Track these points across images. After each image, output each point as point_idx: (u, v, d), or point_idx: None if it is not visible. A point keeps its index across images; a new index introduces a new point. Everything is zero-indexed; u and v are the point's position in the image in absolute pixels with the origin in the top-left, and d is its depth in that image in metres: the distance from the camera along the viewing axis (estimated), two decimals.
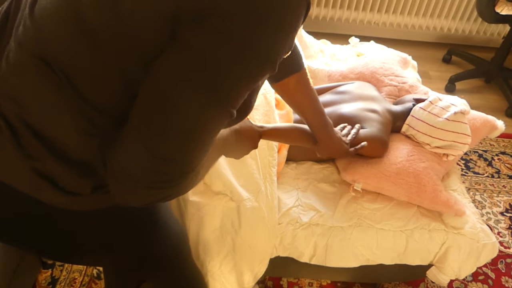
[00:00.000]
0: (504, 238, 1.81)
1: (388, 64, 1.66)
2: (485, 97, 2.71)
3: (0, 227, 0.77)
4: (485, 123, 1.44)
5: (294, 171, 1.35)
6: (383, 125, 1.31)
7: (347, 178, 1.29)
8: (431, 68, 2.89)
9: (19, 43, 0.64)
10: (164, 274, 0.95)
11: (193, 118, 0.58)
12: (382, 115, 1.34)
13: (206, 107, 0.58)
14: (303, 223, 1.20)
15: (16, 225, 0.78)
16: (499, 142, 2.34)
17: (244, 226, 1.15)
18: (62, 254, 0.88)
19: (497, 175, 2.12)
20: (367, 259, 1.24)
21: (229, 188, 1.16)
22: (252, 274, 1.19)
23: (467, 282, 1.62)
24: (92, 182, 0.71)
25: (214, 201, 1.16)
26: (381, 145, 1.28)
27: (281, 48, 0.61)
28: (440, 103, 1.33)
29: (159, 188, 0.61)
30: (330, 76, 1.68)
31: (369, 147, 1.22)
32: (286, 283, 1.53)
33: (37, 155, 0.66)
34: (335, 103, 1.42)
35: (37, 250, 0.92)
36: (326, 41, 2.03)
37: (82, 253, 0.86)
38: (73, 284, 1.46)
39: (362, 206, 1.26)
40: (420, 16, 2.96)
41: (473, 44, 3.14)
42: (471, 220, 1.28)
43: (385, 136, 1.30)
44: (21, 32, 0.65)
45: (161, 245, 0.92)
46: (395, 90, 1.57)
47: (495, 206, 1.95)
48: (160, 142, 0.58)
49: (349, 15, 2.94)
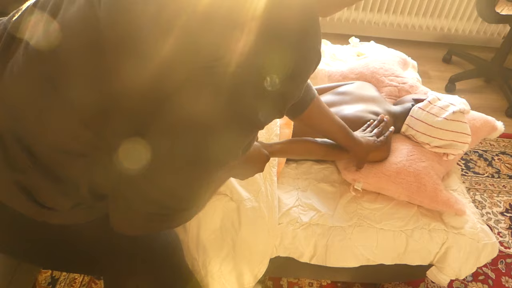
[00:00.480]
0: (504, 238, 1.81)
1: (388, 64, 1.66)
2: (485, 97, 2.71)
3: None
4: (485, 124, 1.44)
5: (294, 171, 1.35)
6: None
7: (348, 177, 1.29)
8: (431, 68, 2.89)
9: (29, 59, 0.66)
10: (152, 276, 0.94)
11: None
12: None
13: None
14: (303, 223, 1.20)
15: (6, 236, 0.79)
16: (499, 142, 2.34)
17: (244, 226, 1.15)
18: (53, 264, 0.89)
19: (497, 175, 2.13)
20: (367, 259, 1.24)
21: (229, 188, 1.16)
22: (252, 274, 1.19)
23: (467, 282, 1.62)
24: (72, 201, 0.73)
25: (214, 201, 1.16)
26: (386, 149, 1.29)
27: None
28: (439, 102, 1.33)
29: (159, 221, 0.67)
30: (330, 76, 1.68)
31: (375, 153, 1.24)
32: (286, 283, 1.53)
33: (22, 168, 0.68)
34: (336, 104, 1.42)
35: (29, 261, 0.94)
36: (326, 41, 2.03)
37: (73, 263, 0.88)
38: (73, 284, 1.46)
39: (362, 206, 1.26)
40: (420, 16, 2.96)
41: (473, 44, 3.14)
42: (471, 220, 1.27)
43: (388, 141, 1.30)
44: (31, 49, 0.67)
45: (151, 247, 0.92)
46: (395, 90, 1.57)
47: (495, 206, 1.95)
48: (168, 181, 0.64)
49: (349, 15, 2.95)
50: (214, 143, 0.63)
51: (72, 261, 0.87)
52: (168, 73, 0.65)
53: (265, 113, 0.69)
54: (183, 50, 0.62)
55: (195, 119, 0.61)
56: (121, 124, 0.72)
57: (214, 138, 0.62)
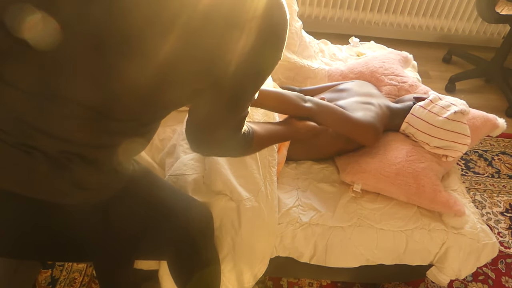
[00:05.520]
0: (504, 238, 1.81)
1: (388, 63, 1.66)
2: (485, 97, 2.71)
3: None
4: (485, 122, 1.44)
5: (294, 171, 1.35)
6: (377, 114, 1.28)
7: (346, 179, 1.29)
8: (431, 68, 2.89)
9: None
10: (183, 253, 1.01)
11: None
12: (378, 106, 1.32)
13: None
14: (303, 223, 1.20)
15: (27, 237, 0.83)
16: (499, 142, 2.34)
17: (244, 226, 1.15)
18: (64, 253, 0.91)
19: (497, 175, 2.12)
20: (367, 259, 1.24)
21: (229, 188, 1.16)
22: (252, 274, 1.19)
23: (467, 282, 1.62)
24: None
25: (214, 201, 1.16)
26: (372, 130, 1.24)
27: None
28: (441, 102, 1.33)
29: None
30: (330, 75, 1.68)
31: (360, 132, 1.22)
32: (286, 283, 1.53)
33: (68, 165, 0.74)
34: (333, 101, 1.42)
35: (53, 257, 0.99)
36: (326, 41, 2.03)
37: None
38: (73, 284, 1.46)
39: (362, 206, 1.26)
40: (420, 16, 2.96)
41: (473, 44, 3.13)
42: (471, 220, 1.27)
43: (378, 123, 1.26)
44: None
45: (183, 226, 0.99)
46: (395, 89, 1.57)
47: (495, 206, 1.95)
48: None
49: (349, 15, 2.94)
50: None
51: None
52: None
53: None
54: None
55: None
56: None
57: None
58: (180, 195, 1.07)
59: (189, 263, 1.03)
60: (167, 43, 0.61)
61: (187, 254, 1.01)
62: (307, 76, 1.69)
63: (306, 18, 2.90)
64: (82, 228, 0.83)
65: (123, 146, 0.77)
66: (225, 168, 1.19)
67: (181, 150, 1.28)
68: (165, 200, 0.99)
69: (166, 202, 0.99)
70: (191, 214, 1.03)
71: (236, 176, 1.19)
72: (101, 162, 0.77)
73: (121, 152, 0.78)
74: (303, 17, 2.89)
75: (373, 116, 1.26)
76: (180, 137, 1.32)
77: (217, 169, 1.17)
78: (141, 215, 0.92)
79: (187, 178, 1.20)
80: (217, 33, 0.62)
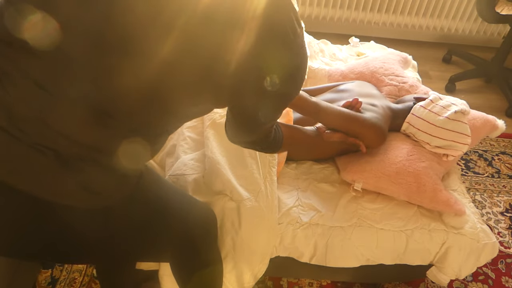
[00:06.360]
0: (504, 238, 1.81)
1: (388, 64, 1.66)
2: (485, 97, 2.71)
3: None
4: (485, 122, 1.44)
5: (294, 171, 1.35)
6: (381, 116, 1.28)
7: (347, 177, 1.29)
8: (431, 68, 2.89)
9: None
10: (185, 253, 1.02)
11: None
12: (381, 108, 1.32)
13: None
14: (303, 223, 1.20)
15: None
16: (499, 142, 2.34)
17: (244, 226, 1.15)
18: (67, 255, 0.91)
19: (497, 175, 2.12)
20: (367, 259, 1.24)
21: (229, 188, 1.16)
22: (252, 274, 1.19)
23: (467, 282, 1.62)
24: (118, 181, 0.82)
25: (214, 201, 1.16)
26: (379, 132, 1.24)
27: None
28: (441, 102, 1.33)
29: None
30: (330, 76, 1.68)
31: (368, 132, 1.21)
32: (286, 283, 1.53)
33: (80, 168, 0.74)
34: (334, 101, 1.42)
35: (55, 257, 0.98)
36: (326, 41, 2.03)
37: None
38: (73, 284, 1.46)
39: (362, 206, 1.26)
40: (420, 16, 2.96)
41: (473, 44, 3.13)
42: (471, 220, 1.27)
43: (384, 125, 1.26)
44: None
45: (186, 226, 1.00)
46: (395, 90, 1.57)
47: (495, 206, 1.95)
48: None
49: (349, 15, 2.94)
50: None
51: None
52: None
53: (265, 112, 0.70)
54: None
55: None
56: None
57: None
58: (182, 196, 1.06)
59: (190, 264, 1.03)
60: (167, 43, 0.61)
61: (188, 254, 1.01)
62: (307, 76, 1.69)
63: (306, 18, 2.90)
64: (84, 230, 0.83)
65: (132, 152, 0.76)
66: (225, 168, 1.19)
67: (181, 150, 1.28)
68: (168, 202, 0.98)
69: (169, 204, 0.98)
70: (193, 215, 1.02)
71: (236, 176, 1.19)
72: (112, 166, 0.77)
73: (130, 158, 0.77)
74: (303, 17, 2.90)
75: (379, 118, 1.26)
76: (180, 137, 1.32)
77: (217, 169, 1.17)
78: (144, 217, 0.91)
79: (187, 178, 1.20)
80: (217, 32, 0.62)
